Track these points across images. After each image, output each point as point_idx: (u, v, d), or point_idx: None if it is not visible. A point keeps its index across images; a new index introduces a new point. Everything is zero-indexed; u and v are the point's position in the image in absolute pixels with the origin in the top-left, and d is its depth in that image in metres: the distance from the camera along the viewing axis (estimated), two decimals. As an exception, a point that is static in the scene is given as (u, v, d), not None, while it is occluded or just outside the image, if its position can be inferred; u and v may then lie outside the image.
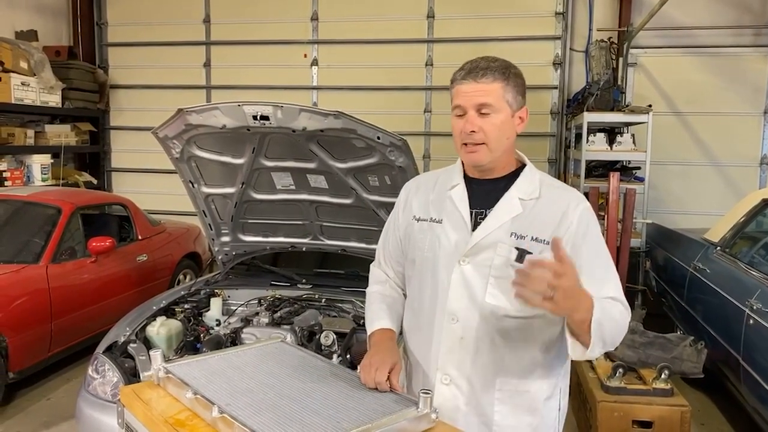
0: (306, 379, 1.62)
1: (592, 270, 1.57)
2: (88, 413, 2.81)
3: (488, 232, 1.61)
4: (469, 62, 1.64)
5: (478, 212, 1.66)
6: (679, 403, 3.33)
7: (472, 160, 1.64)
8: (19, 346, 3.89)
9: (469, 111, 1.60)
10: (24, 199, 4.78)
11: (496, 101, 1.59)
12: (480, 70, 1.59)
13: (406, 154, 2.96)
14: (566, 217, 1.61)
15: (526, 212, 1.62)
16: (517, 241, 1.60)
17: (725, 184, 6.46)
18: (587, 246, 1.60)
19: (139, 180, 7.65)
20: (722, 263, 4.13)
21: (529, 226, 1.61)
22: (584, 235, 1.60)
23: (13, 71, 5.99)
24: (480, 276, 1.61)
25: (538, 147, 6.68)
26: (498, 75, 1.59)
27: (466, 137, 1.61)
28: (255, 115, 2.91)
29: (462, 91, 1.61)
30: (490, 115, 1.59)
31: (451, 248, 1.65)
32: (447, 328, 1.65)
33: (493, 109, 1.59)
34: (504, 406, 1.65)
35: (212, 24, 7.33)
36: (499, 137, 1.61)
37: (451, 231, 1.66)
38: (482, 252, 1.61)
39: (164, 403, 1.55)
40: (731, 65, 6.36)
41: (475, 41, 6.62)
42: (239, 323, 3.32)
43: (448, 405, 1.65)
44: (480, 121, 1.59)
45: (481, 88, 1.58)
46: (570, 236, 1.59)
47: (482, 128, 1.59)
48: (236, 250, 3.96)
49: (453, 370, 1.66)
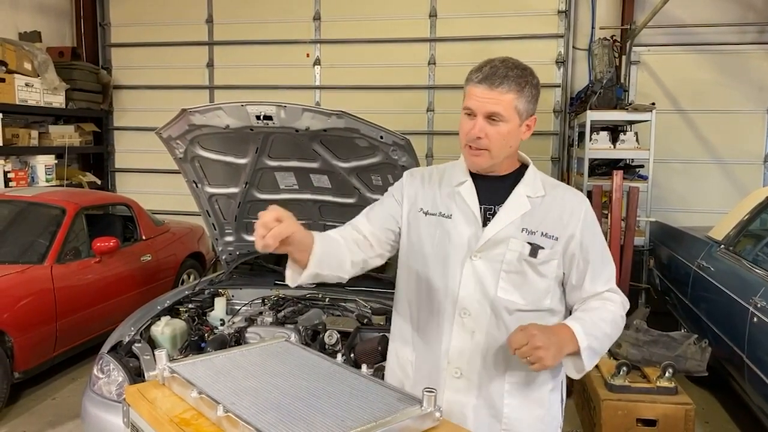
0: (310, 378, 1.62)
1: (599, 268, 1.69)
2: (94, 413, 2.82)
3: (500, 227, 1.65)
4: (488, 64, 1.61)
5: (487, 208, 1.68)
6: (684, 402, 3.33)
7: (473, 162, 1.67)
8: (25, 346, 3.91)
9: (478, 116, 1.60)
10: (29, 199, 4.80)
11: (506, 111, 1.59)
12: (497, 78, 1.58)
13: (409, 154, 2.96)
14: (574, 215, 1.67)
15: (534, 209, 1.66)
16: (529, 237, 1.64)
17: (729, 181, 6.44)
18: (594, 244, 1.68)
19: (142, 180, 7.67)
20: (726, 261, 4.12)
21: (539, 222, 1.65)
22: (591, 233, 1.68)
23: (17, 72, 6.01)
24: (492, 271, 1.64)
25: (541, 145, 6.68)
26: (513, 86, 1.58)
27: (471, 141, 1.62)
28: (258, 115, 2.92)
29: (475, 95, 1.60)
30: (498, 124, 1.60)
31: (462, 244, 1.66)
32: (458, 323, 1.67)
33: (502, 118, 1.59)
34: (513, 399, 1.68)
35: (215, 24, 7.33)
36: (503, 145, 1.63)
37: (462, 226, 1.68)
38: (494, 247, 1.64)
39: (169, 402, 1.56)
40: (735, 63, 6.34)
41: (477, 40, 6.61)
42: (243, 323, 3.33)
43: (459, 398, 1.68)
44: (488, 127, 1.60)
45: (494, 96, 1.58)
46: (579, 233, 1.66)
47: (488, 135, 1.60)
48: (240, 250, 3.97)
49: (464, 363, 1.68)
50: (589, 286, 1.68)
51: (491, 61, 1.62)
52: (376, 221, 1.79)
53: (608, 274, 1.71)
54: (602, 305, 1.67)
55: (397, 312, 1.87)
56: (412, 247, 1.76)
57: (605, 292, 1.69)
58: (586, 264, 1.67)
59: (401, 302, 1.83)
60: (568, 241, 1.66)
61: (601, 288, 1.69)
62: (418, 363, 1.78)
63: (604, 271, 1.70)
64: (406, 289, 1.81)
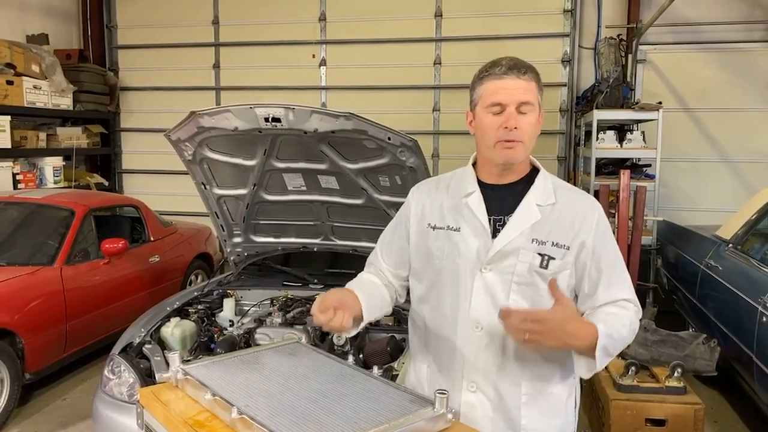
0: (322, 379, 1.63)
1: (611, 275, 1.63)
2: (105, 413, 2.84)
3: (510, 239, 1.60)
4: (502, 59, 1.60)
5: (496, 219, 1.64)
6: (693, 401, 3.33)
7: (508, 156, 1.59)
8: (35, 348, 3.94)
9: (509, 107, 1.56)
10: (38, 201, 4.83)
11: (534, 100, 1.59)
12: (522, 67, 1.57)
13: (417, 155, 2.97)
14: (585, 222, 1.62)
15: (545, 218, 1.62)
16: (539, 247, 1.60)
17: (736, 180, 6.42)
18: (607, 251, 1.64)
19: (149, 181, 7.71)
20: (734, 260, 4.11)
21: (549, 231, 1.61)
22: (603, 241, 1.64)
23: (25, 75, 6.05)
24: (503, 283, 1.61)
25: (547, 145, 6.67)
26: (534, 75, 1.59)
27: (507, 134, 1.56)
28: (266, 117, 2.94)
29: (503, 87, 1.56)
30: (527, 114, 1.57)
31: (471, 256, 1.63)
32: (471, 336, 1.64)
33: (532, 108, 1.58)
34: (530, 410, 1.65)
35: (221, 26, 7.36)
36: (532, 137, 1.61)
37: (470, 239, 1.64)
38: (504, 259, 1.60)
39: (183, 404, 1.57)
40: (742, 61, 6.32)
41: (483, 39, 6.62)
42: (252, 324, 3.34)
43: (476, 412, 1.64)
44: (519, 118, 1.56)
45: (524, 85, 1.56)
46: (590, 241, 1.62)
47: (520, 126, 1.56)
48: (248, 251, 3.98)
49: (479, 377, 1.65)
50: (602, 295, 1.63)
51: (502, 58, 1.61)
52: (390, 260, 1.85)
53: (623, 283, 1.66)
54: (619, 311, 1.61)
55: (411, 326, 1.86)
56: (422, 262, 1.74)
57: (621, 300, 1.64)
58: (599, 273, 1.62)
59: (415, 317, 1.81)
60: (579, 250, 1.62)
61: (616, 296, 1.63)
62: (433, 378, 1.74)
63: (618, 279, 1.65)
64: (418, 304, 1.78)
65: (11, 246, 4.45)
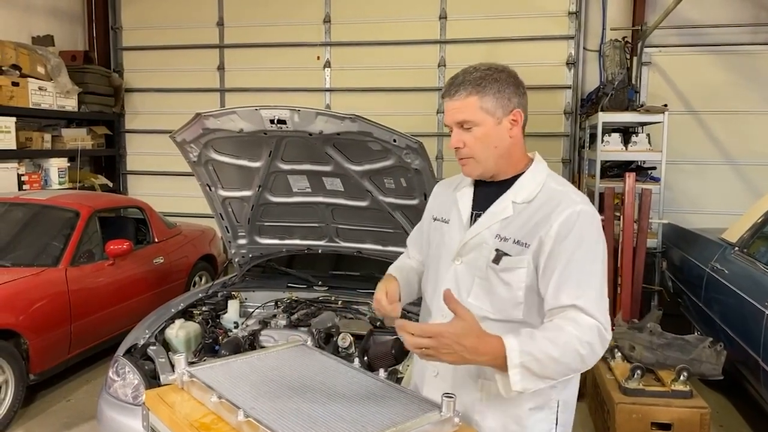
0: (329, 382, 1.63)
1: (566, 277, 1.50)
2: (109, 415, 2.84)
3: (476, 233, 1.65)
4: (452, 77, 1.66)
5: (477, 214, 1.70)
6: (699, 405, 3.31)
7: (464, 172, 1.70)
8: (40, 348, 3.94)
9: (453, 128, 1.64)
10: (42, 202, 4.84)
11: (472, 116, 1.60)
12: (453, 87, 1.62)
13: (422, 157, 2.96)
14: (550, 220, 1.55)
15: (516, 215, 1.61)
16: (500, 243, 1.60)
17: (742, 183, 6.39)
18: (566, 250, 1.52)
19: (153, 182, 7.72)
20: (740, 264, 4.09)
21: (517, 228, 1.59)
22: (564, 239, 1.52)
23: (31, 76, 6.07)
24: (469, 276, 1.66)
25: (551, 147, 6.66)
26: (471, 89, 1.59)
27: (456, 152, 1.66)
28: (272, 119, 2.93)
29: (445, 109, 1.66)
30: (472, 130, 1.62)
31: (452, 248, 1.70)
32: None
33: (472, 123, 1.61)
34: (487, 409, 1.62)
35: (225, 27, 7.38)
36: (484, 149, 1.62)
37: (453, 231, 1.72)
38: (471, 252, 1.66)
39: (189, 406, 1.57)
40: (747, 63, 6.30)
41: (487, 41, 6.62)
42: (257, 325, 3.34)
43: (437, 396, 1.60)
44: (464, 136, 1.63)
45: (456, 105, 1.62)
46: (548, 240, 1.53)
47: (466, 143, 1.63)
48: (253, 253, 3.98)
49: (440, 364, 1.59)
50: (550, 299, 1.52)
51: (457, 74, 1.66)
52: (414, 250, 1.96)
53: (579, 289, 1.49)
54: (561, 325, 1.46)
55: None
56: (426, 252, 1.86)
57: (571, 308, 1.47)
58: (552, 273, 1.51)
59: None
60: (537, 248, 1.55)
61: (562, 301, 1.49)
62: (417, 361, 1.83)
63: (572, 283, 1.49)
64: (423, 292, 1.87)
65: (16, 247, 4.46)
